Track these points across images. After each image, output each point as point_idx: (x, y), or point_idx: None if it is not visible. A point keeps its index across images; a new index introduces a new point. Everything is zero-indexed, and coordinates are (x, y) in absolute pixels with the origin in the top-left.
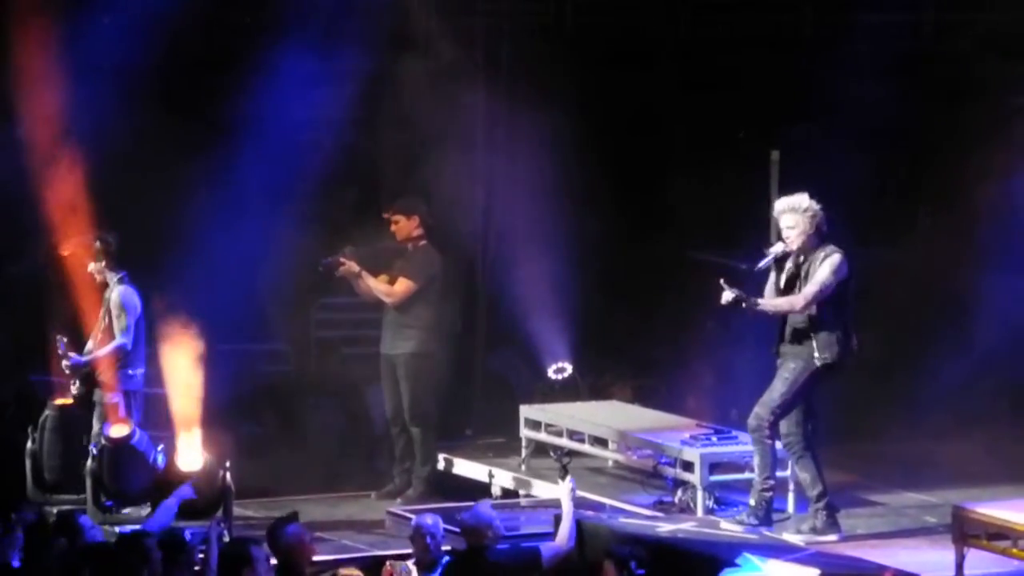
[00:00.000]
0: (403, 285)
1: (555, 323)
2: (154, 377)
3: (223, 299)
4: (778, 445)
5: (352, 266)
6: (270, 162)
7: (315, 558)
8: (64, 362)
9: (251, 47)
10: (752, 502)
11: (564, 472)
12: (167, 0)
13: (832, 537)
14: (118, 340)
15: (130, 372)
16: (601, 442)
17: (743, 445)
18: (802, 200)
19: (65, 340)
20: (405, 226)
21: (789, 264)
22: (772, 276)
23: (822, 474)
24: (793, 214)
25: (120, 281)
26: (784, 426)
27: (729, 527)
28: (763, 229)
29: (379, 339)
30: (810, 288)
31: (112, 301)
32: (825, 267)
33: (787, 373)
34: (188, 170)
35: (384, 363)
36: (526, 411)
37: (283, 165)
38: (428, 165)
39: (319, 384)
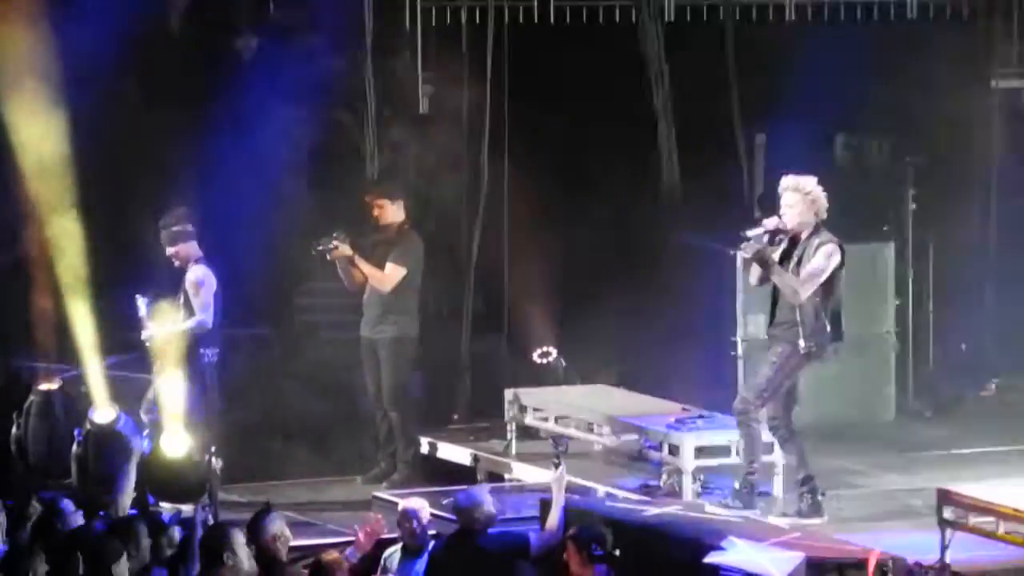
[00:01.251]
0: (394, 270)
1: (540, 307)
2: (141, 362)
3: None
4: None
5: (345, 249)
6: (254, 146)
7: (300, 542)
8: (143, 332)
9: (234, 39)
10: (737, 485)
11: (558, 461)
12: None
13: (816, 520)
14: (198, 316)
15: (201, 351)
16: (587, 426)
17: (728, 429)
18: (807, 182)
19: (147, 300)
20: (389, 210)
21: (782, 243)
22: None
23: (807, 458)
24: (795, 193)
25: (197, 261)
26: (770, 409)
27: (714, 511)
28: (748, 212)
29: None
30: (806, 276)
31: (188, 280)
32: (819, 255)
33: (774, 357)
34: (171, 155)
35: (365, 346)
36: (511, 395)
37: (267, 149)
38: (413, 150)
39: (302, 368)
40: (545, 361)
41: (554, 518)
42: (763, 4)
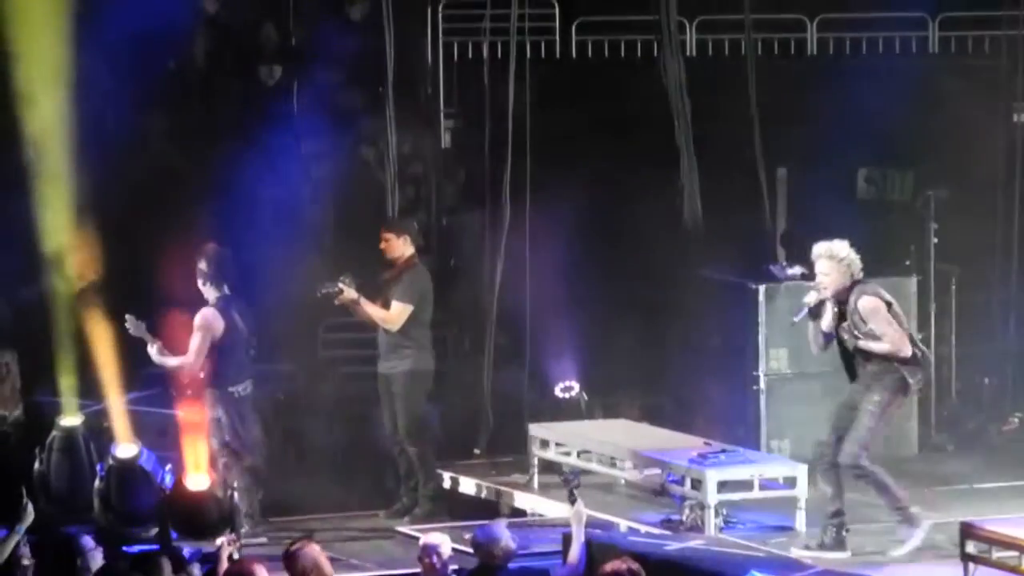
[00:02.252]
0: (397, 308)
1: (563, 342)
2: (162, 397)
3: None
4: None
5: (350, 293)
6: (278, 181)
7: None
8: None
9: (259, 68)
10: (898, 523)
11: (573, 497)
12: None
13: (839, 555)
14: (183, 357)
15: (225, 387)
16: (609, 461)
17: (750, 464)
18: (839, 248)
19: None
20: (395, 244)
21: (830, 308)
22: (811, 324)
23: (843, 492)
24: (829, 261)
25: (212, 302)
26: (822, 437)
27: (799, 552)
28: (770, 246)
29: None
30: (888, 339)
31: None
32: (871, 318)
33: (871, 406)
34: (196, 190)
35: (381, 382)
36: (534, 430)
37: (291, 184)
38: (435, 185)
39: (327, 403)
40: (567, 395)
41: (574, 553)
42: (785, 39)
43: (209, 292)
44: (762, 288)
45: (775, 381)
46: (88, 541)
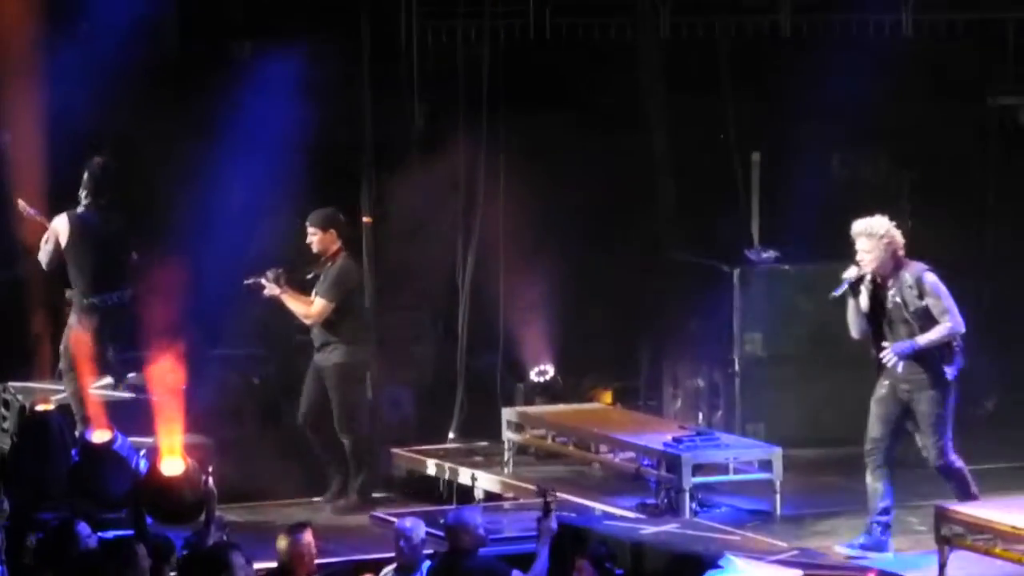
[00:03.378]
0: (318, 305)
1: (536, 325)
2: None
3: (206, 303)
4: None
5: (272, 288)
6: (252, 165)
7: None
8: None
9: (234, 51)
10: (878, 531)
11: (547, 511)
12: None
13: (882, 554)
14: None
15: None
16: (584, 444)
17: (726, 448)
18: (879, 225)
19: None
20: (322, 239)
21: (867, 286)
22: (850, 301)
23: (892, 492)
24: (869, 239)
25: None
26: (875, 430)
27: (842, 551)
28: (743, 230)
29: None
30: (947, 316)
31: None
32: (933, 291)
33: (931, 411)
34: (169, 169)
35: (311, 369)
36: (508, 414)
37: (266, 168)
38: (407, 169)
39: (298, 388)
40: (542, 380)
41: (538, 566)
42: (759, 21)
43: (82, 199)
44: (736, 271)
45: (750, 365)
46: (84, 528)
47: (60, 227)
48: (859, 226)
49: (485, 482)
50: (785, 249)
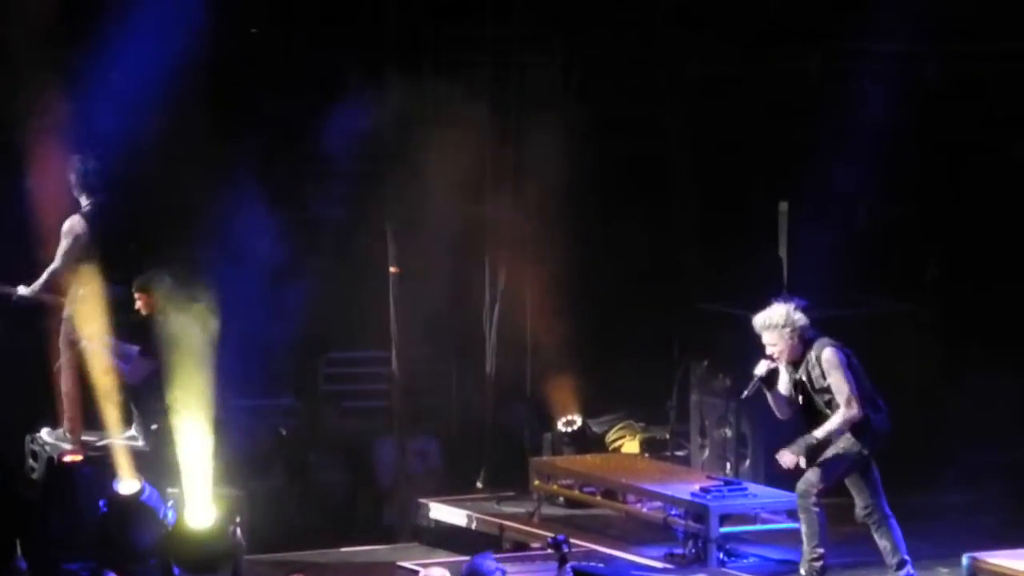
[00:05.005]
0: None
1: (564, 375)
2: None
3: (233, 354)
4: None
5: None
6: (279, 215)
7: None
8: None
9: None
10: (803, 571)
11: (563, 560)
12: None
13: None
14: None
15: None
16: (611, 494)
17: (753, 497)
18: (778, 315)
19: None
20: (148, 303)
21: (785, 375)
22: (767, 393)
23: (902, 543)
24: (771, 332)
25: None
26: (862, 498)
27: None
28: (772, 279)
29: (385, 394)
30: (843, 396)
31: None
32: (831, 372)
33: (839, 449)
34: (194, 217)
35: None
36: (537, 464)
37: (291, 218)
38: (436, 212)
39: (327, 438)
40: (570, 429)
41: None
42: (787, 70)
43: (82, 200)
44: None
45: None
46: None
47: (78, 227)
48: (759, 321)
49: (512, 532)
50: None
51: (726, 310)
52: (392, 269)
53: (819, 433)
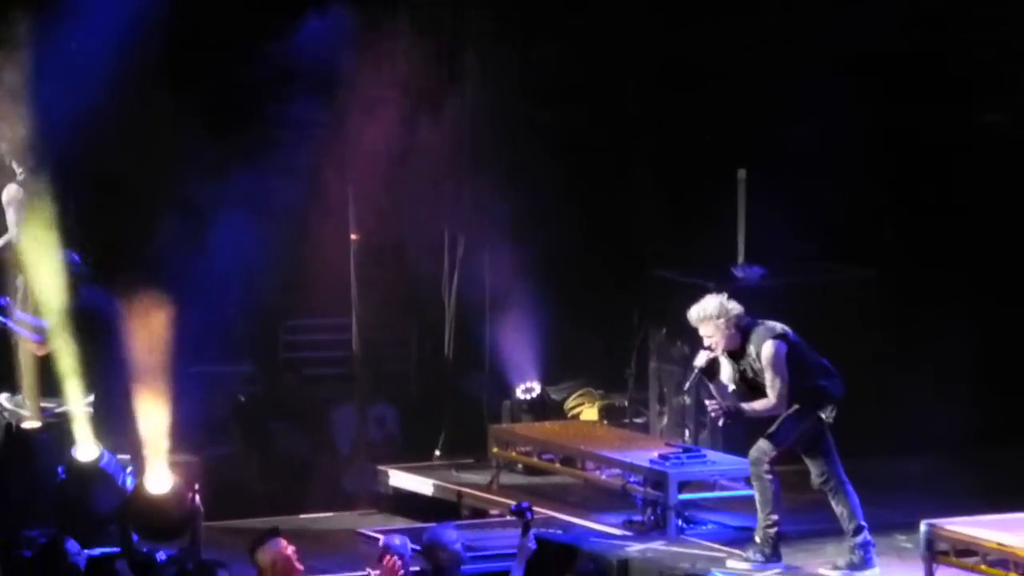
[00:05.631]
0: None
1: (523, 344)
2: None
3: (192, 321)
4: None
5: None
6: (237, 185)
7: None
8: None
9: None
10: (758, 539)
11: (526, 527)
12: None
13: (868, 572)
14: None
15: None
16: (570, 461)
17: (712, 465)
18: (712, 307)
19: None
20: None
21: (728, 365)
22: (710, 384)
23: (859, 509)
24: (707, 324)
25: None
26: (817, 466)
27: (735, 565)
28: (729, 247)
29: (344, 361)
30: (774, 392)
31: None
32: (767, 365)
33: (794, 414)
34: (154, 186)
35: None
36: (495, 431)
37: (254, 187)
38: (394, 188)
39: (286, 405)
40: (529, 397)
41: None
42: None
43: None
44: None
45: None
46: (73, 545)
47: (16, 193)
48: (693, 314)
49: (471, 499)
50: (772, 267)
51: (685, 278)
52: (352, 236)
53: (745, 406)
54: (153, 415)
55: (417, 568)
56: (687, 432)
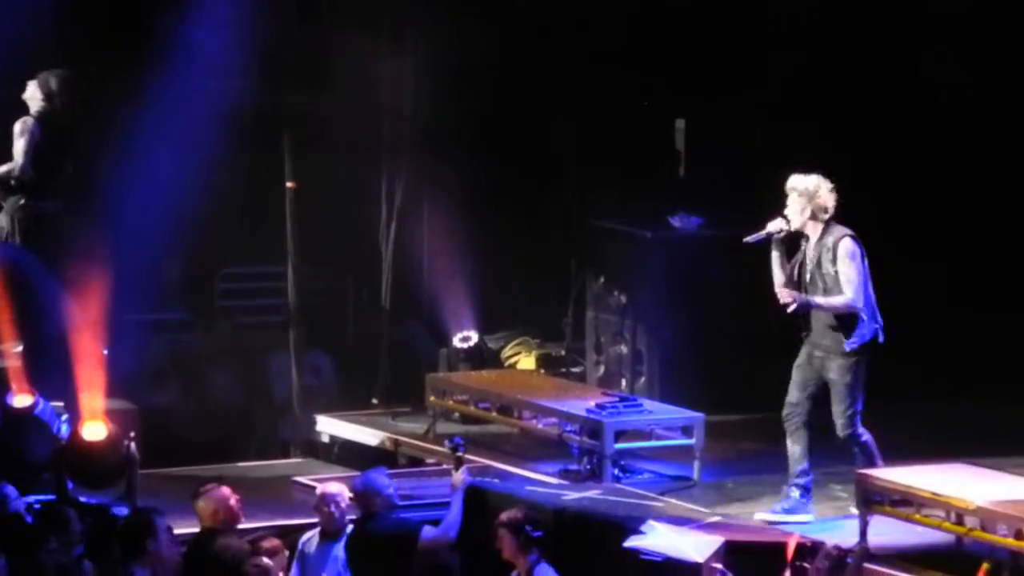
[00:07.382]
0: None
1: (460, 293)
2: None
3: (127, 267)
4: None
5: None
6: (178, 125)
7: None
8: None
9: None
10: (796, 494)
11: (459, 463)
12: None
13: (804, 517)
14: None
15: None
16: (507, 410)
17: (648, 414)
18: (811, 184)
19: None
20: None
21: (780, 250)
22: (774, 252)
23: (810, 456)
24: (800, 197)
25: None
26: (792, 396)
27: (763, 517)
28: (667, 197)
29: (280, 309)
30: (851, 287)
31: None
32: (845, 259)
33: (839, 379)
34: (93, 135)
35: None
36: (432, 380)
37: (190, 129)
38: (330, 137)
39: (222, 353)
40: (465, 345)
41: (449, 519)
42: None
43: None
44: (655, 237)
45: (672, 330)
46: (11, 490)
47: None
48: (792, 181)
49: (407, 448)
50: (713, 214)
51: (621, 227)
52: (289, 184)
53: (820, 300)
54: (88, 362)
55: (352, 517)
56: (624, 381)
